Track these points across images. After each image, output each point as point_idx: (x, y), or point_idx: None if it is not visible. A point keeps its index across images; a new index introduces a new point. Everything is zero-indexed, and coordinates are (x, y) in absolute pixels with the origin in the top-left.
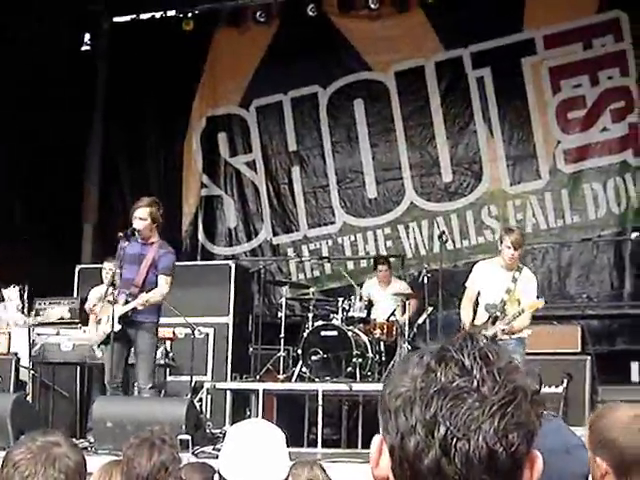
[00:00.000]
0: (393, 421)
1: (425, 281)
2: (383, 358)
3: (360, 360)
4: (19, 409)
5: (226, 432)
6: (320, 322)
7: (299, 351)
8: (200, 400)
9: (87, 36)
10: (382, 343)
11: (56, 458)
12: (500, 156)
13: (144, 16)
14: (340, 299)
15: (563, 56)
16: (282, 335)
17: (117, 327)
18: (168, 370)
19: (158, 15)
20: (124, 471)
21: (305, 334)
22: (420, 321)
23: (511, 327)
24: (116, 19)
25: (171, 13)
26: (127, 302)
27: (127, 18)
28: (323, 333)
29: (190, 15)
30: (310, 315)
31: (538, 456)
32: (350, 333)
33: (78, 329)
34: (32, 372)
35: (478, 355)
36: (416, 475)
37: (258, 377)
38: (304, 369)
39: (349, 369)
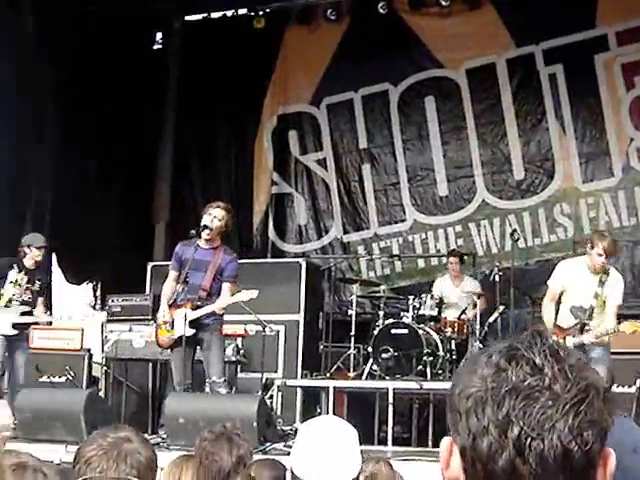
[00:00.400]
0: (464, 422)
1: (496, 279)
2: (454, 357)
3: (431, 358)
4: (92, 405)
5: (297, 429)
6: (391, 320)
7: (369, 349)
8: (271, 397)
9: (159, 35)
10: (453, 341)
11: (127, 454)
12: (572, 154)
13: (215, 15)
14: (411, 297)
15: (636, 52)
16: (352, 333)
17: (190, 332)
18: (239, 367)
19: (229, 13)
20: (203, 465)
21: (375, 332)
22: (491, 320)
23: (601, 340)
24: (188, 18)
25: (242, 11)
26: (198, 307)
27: (199, 17)
28: (394, 331)
29: (261, 13)
30: (381, 313)
31: (611, 453)
32: (421, 331)
33: (150, 326)
34: (105, 368)
35: (549, 353)
36: (490, 476)
37: (328, 374)
38: (374, 367)
39: (420, 367)
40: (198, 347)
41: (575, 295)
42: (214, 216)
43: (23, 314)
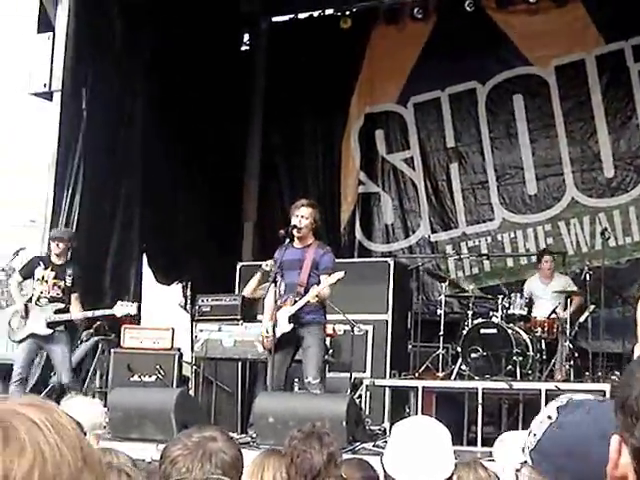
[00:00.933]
0: None
1: (587, 278)
2: (544, 356)
3: (520, 358)
4: (183, 404)
5: (385, 429)
6: (480, 320)
7: (458, 349)
8: (359, 397)
9: (246, 36)
10: (543, 341)
11: (212, 453)
12: None
13: (302, 15)
14: (500, 296)
15: None
16: (441, 333)
17: (289, 327)
18: (328, 366)
19: (316, 14)
20: (295, 463)
21: (464, 332)
22: (582, 319)
23: None
24: (275, 19)
25: (329, 12)
26: (295, 302)
27: (285, 18)
28: (483, 331)
29: (348, 13)
30: (469, 313)
31: None
32: (510, 331)
33: (240, 325)
34: (195, 367)
35: None
36: None
37: (417, 374)
38: (463, 367)
39: (509, 367)
40: (300, 347)
41: None
42: (301, 215)
43: (57, 312)
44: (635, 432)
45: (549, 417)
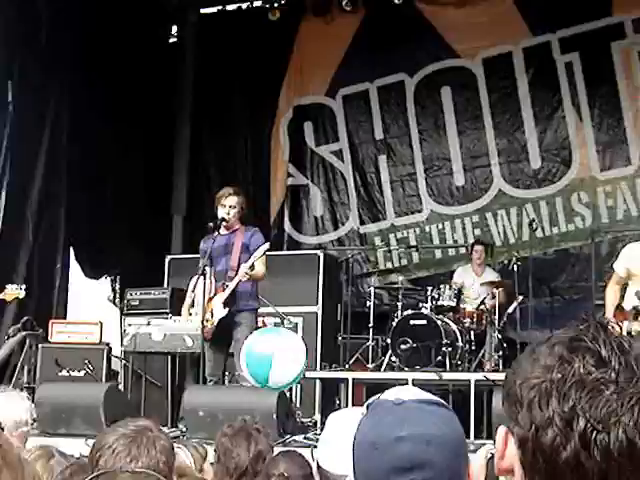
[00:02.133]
0: (525, 413)
1: (515, 269)
2: (473, 347)
3: (450, 349)
4: (112, 398)
5: (316, 421)
6: (409, 311)
7: (388, 340)
8: (290, 389)
9: (174, 28)
10: (472, 332)
11: (154, 440)
12: (590, 142)
13: (231, 7)
14: (429, 288)
15: None
16: (371, 324)
17: (224, 312)
18: None
19: (244, 6)
20: (221, 462)
21: (394, 323)
22: (510, 310)
23: None
24: (203, 10)
25: (257, 3)
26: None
27: (214, 9)
28: (412, 322)
29: (276, 5)
30: (399, 304)
31: None
32: (439, 322)
33: (169, 319)
34: (124, 362)
35: (614, 345)
36: (552, 468)
37: (347, 366)
38: (393, 358)
39: (438, 358)
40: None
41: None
42: (229, 205)
43: None
44: (519, 420)
45: (362, 414)
